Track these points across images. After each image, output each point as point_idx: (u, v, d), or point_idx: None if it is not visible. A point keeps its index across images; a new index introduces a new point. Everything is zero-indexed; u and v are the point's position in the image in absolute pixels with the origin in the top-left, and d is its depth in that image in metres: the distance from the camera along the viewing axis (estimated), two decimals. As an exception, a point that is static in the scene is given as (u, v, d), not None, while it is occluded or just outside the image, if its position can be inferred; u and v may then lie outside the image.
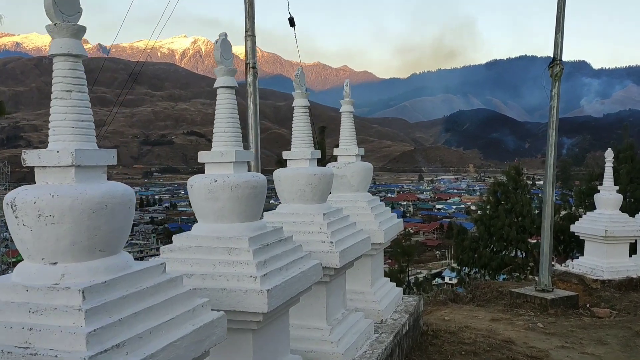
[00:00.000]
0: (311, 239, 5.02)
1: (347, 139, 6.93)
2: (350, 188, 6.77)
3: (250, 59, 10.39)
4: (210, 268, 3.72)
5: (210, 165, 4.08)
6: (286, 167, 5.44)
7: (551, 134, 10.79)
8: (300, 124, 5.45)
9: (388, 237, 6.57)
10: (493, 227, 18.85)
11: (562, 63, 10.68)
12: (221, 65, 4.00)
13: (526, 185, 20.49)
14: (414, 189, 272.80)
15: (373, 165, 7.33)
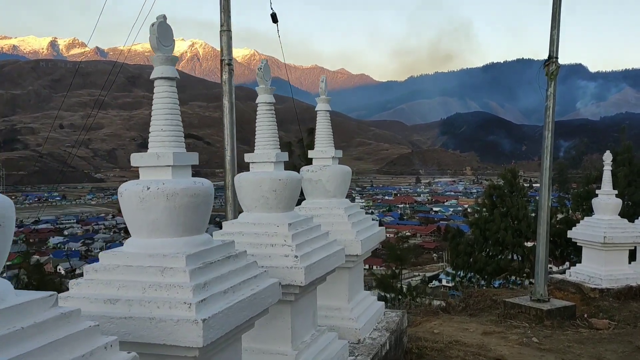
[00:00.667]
0: (274, 253, 4.44)
1: (323, 140, 6.36)
2: (325, 194, 6.20)
3: (225, 55, 9.93)
4: (139, 292, 3.14)
5: (145, 170, 3.49)
6: (248, 171, 4.87)
7: (547, 135, 10.20)
8: (264, 123, 4.88)
9: (367, 247, 5.99)
10: (489, 230, 18.34)
11: (558, 61, 10.16)
12: (158, 52, 3.42)
13: (522, 188, 19.91)
14: (411, 192, 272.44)
15: (371, 168, 6.74)
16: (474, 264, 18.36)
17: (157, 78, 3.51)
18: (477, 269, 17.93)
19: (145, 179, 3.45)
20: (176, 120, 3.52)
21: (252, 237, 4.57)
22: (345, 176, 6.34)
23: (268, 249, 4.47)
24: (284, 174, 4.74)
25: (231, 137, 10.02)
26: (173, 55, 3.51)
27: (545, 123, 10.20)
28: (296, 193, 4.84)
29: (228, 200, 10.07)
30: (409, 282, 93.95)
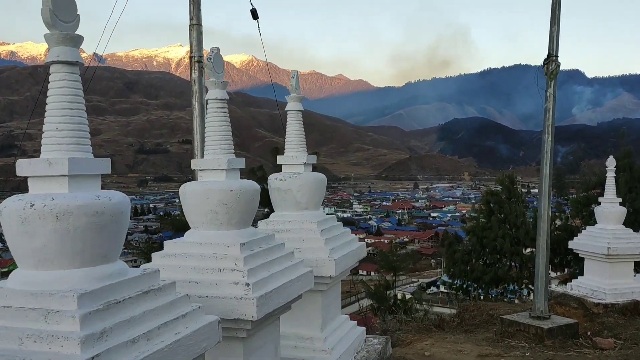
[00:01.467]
0: (221, 280, 3.68)
1: (294, 144, 5.58)
2: (296, 205, 5.44)
3: (195, 52, 8.96)
4: (15, 344, 2.36)
5: (35, 181, 2.72)
6: (194, 181, 4.10)
7: (547, 139, 9.37)
8: (214, 123, 4.17)
9: (343, 267, 5.22)
10: (486, 238, 17.58)
11: (558, 59, 9.44)
12: (54, 29, 2.65)
13: (520, 195, 19.18)
14: (409, 197, 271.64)
15: (369, 174, 5.99)
16: (471, 272, 17.62)
17: (54, 62, 2.76)
18: (474, 278, 17.20)
19: (32, 193, 2.70)
20: (78, 116, 2.78)
21: (197, 260, 3.81)
22: (319, 185, 5.57)
23: (215, 275, 3.71)
24: (237, 183, 3.98)
25: (201, 142, 9.10)
26: (75, 34, 2.76)
27: (544, 126, 9.37)
28: (252, 206, 4.08)
29: None
30: (408, 287, 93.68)
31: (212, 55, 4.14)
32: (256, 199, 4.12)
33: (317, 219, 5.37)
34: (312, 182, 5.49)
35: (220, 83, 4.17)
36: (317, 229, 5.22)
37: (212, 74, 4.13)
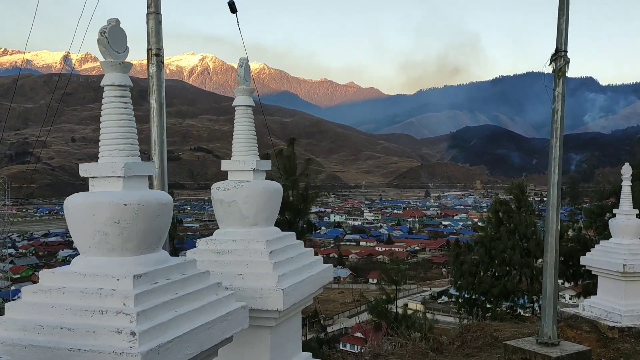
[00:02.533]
0: (101, 326, 2.71)
1: (242, 147, 4.64)
2: (242, 221, 4.52)
3: (153, 44, 7.92)
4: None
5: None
6: (83, 192, 3.16)
7: (555, 144, 8.54)
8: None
9: (295, 297, 4.28)
10: (495, 249, 16.77)
11: (567, 55, 8.58)
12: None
13: (531, 205, 18.38)
14: (421, 206, 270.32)
15: (380, 182, 5.05)
16: (478, 285, 16.82)
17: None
18: (482, 291, 16.40)
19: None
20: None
21: (77, 297, 2.85)
22: (271, 196, 4.60)
23: (95, 319, 2.75)
24: (136, 195, 3.01)
25: (160, 145, 8.06)
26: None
27: (552, 129, 8.59)
28: (159, 224, 3.13)
29: None
30: (419, 296, 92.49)
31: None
32: (165, 216, 3.16)
33: (266, 238, 4.42)
34: (261, 193, 4.52)
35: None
36: (265, 250, 4.29)
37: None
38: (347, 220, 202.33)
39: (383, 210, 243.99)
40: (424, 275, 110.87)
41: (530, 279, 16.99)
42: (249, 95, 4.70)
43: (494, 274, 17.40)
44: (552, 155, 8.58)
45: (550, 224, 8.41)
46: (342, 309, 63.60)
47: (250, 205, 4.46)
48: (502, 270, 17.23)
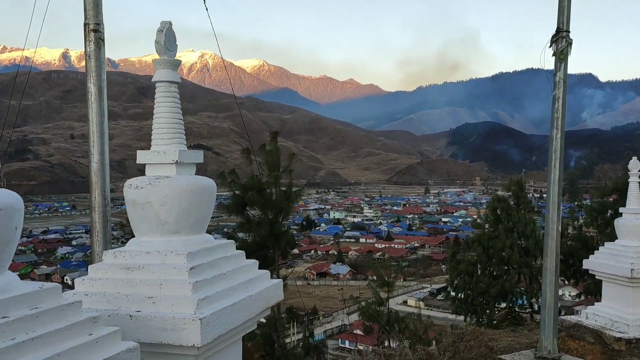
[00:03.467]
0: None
1: (162, 134, 3.70)
2: (160, 227, 3.58)
3: (90, 18, 6.68)
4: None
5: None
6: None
7: (555, 135, 7.70)
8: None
9: (221, 327, 3.31)
10: (492, 248, 16.25)
11: (569, 36, 7.68)
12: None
13: (529, 202, 17.97)
14: (420, 202, 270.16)
15: (379, 178, 4.80)
16: (475, 285, 16.39)
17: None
18: (480, 291, 16.02)
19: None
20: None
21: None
22: (199, 197, 3.64)
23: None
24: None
25: (100, 135, 6.89)
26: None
27: (552, 119, 7.69)
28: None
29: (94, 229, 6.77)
30: (419, 293, 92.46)
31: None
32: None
33: (189, 249, 3.45)
34: (184, 192, 3.54)
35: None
36: (184, 266, 3.34)
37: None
38: (346, 217, 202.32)
39: (383, 207, 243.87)
40: (424, 272, 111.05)
41: (529, 278, 16.30)
42: (172, 67, 3.71)
43: (492, 274, 16.70)
44: (553, 148, 7.73)
45: (551, 225, 7.63)
46: (341, 306, 63.92)
47: (170, 208, 3.50)
48: (500, 270, 16.41)
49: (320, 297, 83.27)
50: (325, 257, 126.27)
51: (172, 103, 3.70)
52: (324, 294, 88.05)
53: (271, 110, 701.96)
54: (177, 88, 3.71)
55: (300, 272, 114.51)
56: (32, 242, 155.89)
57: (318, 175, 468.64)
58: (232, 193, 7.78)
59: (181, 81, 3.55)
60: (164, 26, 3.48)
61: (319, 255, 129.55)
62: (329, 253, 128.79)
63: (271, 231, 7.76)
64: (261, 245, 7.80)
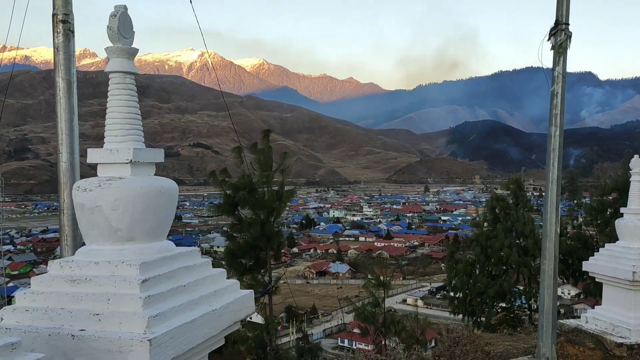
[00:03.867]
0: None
1: (116, 129, 3.30)
2: (112, 235, 3.19)
3: (58, 8, 6.34)
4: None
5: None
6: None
7: (554, 133, 7.38)
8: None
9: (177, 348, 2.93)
10: (491, 248, 15.93)
11: (568, 28, 7.38)
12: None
13: (528, 201, 17.64)
14: (420, 201, 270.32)
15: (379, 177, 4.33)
16: (474, 285, 16.08)
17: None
18: (478, 291, 15.71)
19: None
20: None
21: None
22: (156, 200, 3.26)
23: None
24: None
25: (69, 133, 6.48)
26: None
27: (551, 115, 7.35)
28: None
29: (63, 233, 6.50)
30: (418, 292, 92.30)
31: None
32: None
33: (142, 259, 3.09)
34: (140, 195, 3.17)
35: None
36: (135, 278, 2.97)
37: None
38: (346, 216, 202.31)
39: (382, 206, 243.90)
40: (423, 271, 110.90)
41: (528, 278, 15.99)
42: (128, 57, 3.30)
43: (490, 274, 16.34)
44: (552, 146, 7.33)
45: (549, 227, 7.07)
46: (341, 304, 63.64)
47: (123, 213, 3.13)
48: (499, 270, 16.05)
49: (320, 296, 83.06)
50: (325, 255, 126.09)
51: (128, 96, 3.29)
52: (323, 292, 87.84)
53: (271, 109, 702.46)
54: (133, 80, 3.31)
55: (300, 270, 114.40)
56: (32, 241, 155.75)
57: (318, 174, 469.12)
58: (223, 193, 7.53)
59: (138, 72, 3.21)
60: (118, 11, 3.10)
61: (318, 254, 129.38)
62: (329, 252, 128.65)
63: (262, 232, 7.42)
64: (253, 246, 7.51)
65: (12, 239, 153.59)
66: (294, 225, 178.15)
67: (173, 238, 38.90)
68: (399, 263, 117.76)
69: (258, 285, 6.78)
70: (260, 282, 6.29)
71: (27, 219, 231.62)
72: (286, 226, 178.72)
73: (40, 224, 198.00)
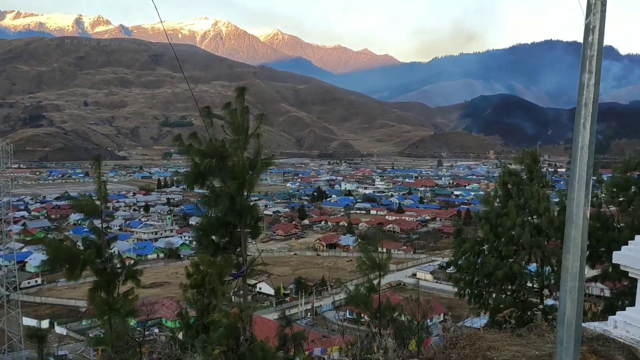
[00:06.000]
0: None
1: None
2: None
3: None
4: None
5: None
6: None
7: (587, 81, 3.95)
8: None
9: None
10: (501, 226, 15.05)
11: None
12: None
13: (544, 176, 16.65)
14: (433, 175, 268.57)
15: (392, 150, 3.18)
16: (481, 266, 15.21)
17: None
18: (486, 273, 14.86)
19: None
20: None
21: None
22: None
23: None
24: None
25: None
26: None
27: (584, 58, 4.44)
28: None
29: None
30: (428, 266, 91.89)
31: None
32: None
33: None
34: None
35: None
36: None
37: None
38: (358, 189, 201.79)
39: (394, 179, 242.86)
40: (434, 245, 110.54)
41: (541, 260, 15.10)
42: None
43: (500, 254, 15.48)
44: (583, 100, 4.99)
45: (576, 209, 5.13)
46: (350, 277, 63.59)
47: None
48: (509, 250, 15.13)
49: (330, 269, 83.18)
50: (336, 228, 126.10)
51: None
52: (333, 265, 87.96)
53: (285, 80, 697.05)
54: None
55: (310, 242, 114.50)
56: (46, 207, 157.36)
57: (330, 146, 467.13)
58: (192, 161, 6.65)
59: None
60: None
61: (329, 227, 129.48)
62: (339, 224, 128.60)
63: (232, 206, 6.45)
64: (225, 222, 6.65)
65: (26, 205, 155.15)
66: (306, 197, 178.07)
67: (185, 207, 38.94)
68: (410, 237, 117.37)
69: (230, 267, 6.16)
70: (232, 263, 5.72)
71: (41, 185, 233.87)
72: (298, 198, 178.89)
73: (54, 190, 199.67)
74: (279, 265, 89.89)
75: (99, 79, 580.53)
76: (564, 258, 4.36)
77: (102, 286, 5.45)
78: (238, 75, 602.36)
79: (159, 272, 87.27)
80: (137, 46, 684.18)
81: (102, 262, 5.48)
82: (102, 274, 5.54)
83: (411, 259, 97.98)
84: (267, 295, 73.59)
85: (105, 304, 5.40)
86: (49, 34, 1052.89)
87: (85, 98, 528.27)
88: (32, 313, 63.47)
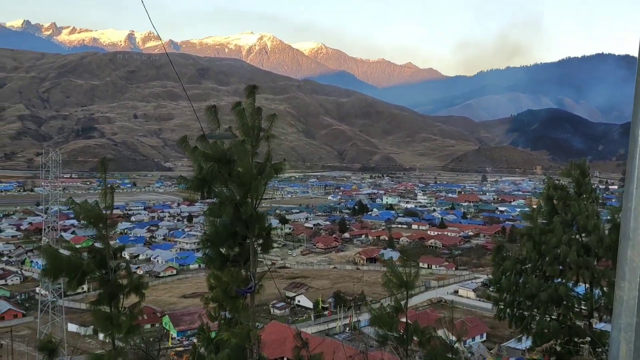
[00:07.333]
0: None
1: None
2: None
3: None
4: None
5: None
6: None
7: None
8: None
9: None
10: (545, 244, 13.94)
11: None
12: None
13: (593, 190, 15.39)
14: (477, 190, 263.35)
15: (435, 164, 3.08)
16: (523, 287, 14.00)
17: None
18: (528, 295, 13.67)
19: None
20: None
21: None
22: None
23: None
24: None
25: None
26: None
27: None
28: None
29: None
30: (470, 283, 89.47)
31: None
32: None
33: None
34: None
35: None
36: None
37: None
38: (399, 203, 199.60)
39: (437, 194, 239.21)
40: (477, 262, 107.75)
41: (590, 282, 13.87)
42: None
43: (544, 274, 14.25)
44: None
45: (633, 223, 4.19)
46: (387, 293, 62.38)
47: None
48: (554, 271, 13.92)
49: (369, 283, 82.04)
50: (376, 242, 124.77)
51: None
52: (373, 279, 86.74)
53: (328, 94, 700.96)
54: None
55: (350, 256, 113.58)
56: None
57: (372, 160, 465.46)
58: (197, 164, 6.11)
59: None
60: None
61: (369, 241, 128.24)
62: (380, 238, 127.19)
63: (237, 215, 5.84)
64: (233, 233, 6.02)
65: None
66: (347, 210, 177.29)
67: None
68: (452, 253, 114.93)
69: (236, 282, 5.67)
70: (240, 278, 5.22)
71: (91, 195, 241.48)
72: (339, 211, 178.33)
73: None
74: (318, 278, 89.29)
75: (148, 93, 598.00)
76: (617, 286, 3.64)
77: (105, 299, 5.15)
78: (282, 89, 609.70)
79: (199, 282, 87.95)
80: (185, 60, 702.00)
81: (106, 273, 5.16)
82: (105, 285, 5.25)
83: (453, 275, 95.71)
84: (306, 309, 73.16)
85: (107, 319, 5.08)
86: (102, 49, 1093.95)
87: (135, 111, 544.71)
88: (77, 319, 64.79)
